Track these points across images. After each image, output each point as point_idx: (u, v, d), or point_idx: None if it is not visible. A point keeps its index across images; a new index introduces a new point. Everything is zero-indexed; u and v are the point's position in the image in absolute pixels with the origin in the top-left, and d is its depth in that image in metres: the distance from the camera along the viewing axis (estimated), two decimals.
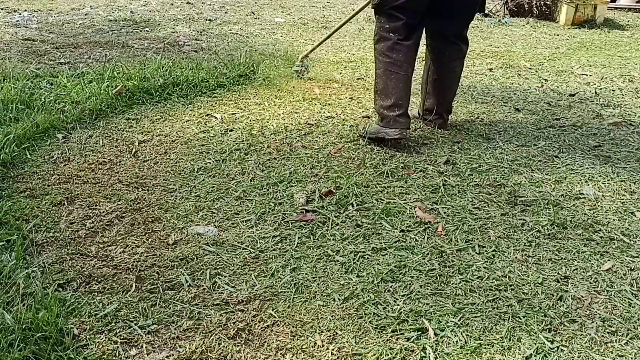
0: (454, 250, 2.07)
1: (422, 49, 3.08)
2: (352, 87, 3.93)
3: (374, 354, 1.59)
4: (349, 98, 3.69)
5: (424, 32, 3.02)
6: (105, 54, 4.52)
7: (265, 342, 1.63)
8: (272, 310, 1.75)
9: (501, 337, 1.67)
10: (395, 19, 2.85)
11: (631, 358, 1.61)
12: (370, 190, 2.48)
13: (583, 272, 1.97)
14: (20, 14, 6.05)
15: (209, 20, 6.21)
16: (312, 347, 1.62)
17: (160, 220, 2.22)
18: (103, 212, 2.25)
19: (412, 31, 2.88)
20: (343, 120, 3.29)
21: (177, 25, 5.84)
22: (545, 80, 4.27)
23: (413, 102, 3.28)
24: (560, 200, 2.44)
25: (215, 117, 3.28)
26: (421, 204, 2.38)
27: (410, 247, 2.09)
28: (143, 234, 2.13)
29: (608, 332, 1.70)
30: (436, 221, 2.25)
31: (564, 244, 2.13)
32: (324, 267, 1.97)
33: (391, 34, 2.87)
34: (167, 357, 1.57)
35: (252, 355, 1.58)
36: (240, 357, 1.58)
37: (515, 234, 2.19)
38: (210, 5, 7.16)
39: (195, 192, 2.44)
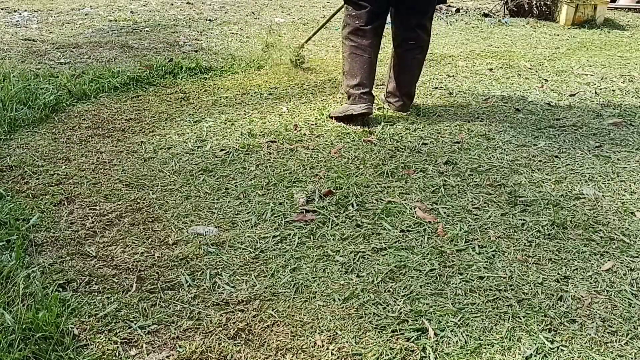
0: (454, 250, 2.07)
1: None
2: None
3: (374, 354, 1.59)
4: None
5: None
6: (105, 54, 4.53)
7: (265, 342, 1.63)
8: (272, 310, 1.75)
9: (501, 337, 1.67)
10: (360, 7, 3.18)
11: (631, 358, 1.61)
12: (370, 190, 2.48)
13: (583, 272, 1.97)
14: (20, 14, 6.06)
15: (209, 20, 6.22)
16: (312, 347, 1.62)
17: (160, 220, 2.22)
18: (103, 212, 2.25)
19: (374, 18, 3.19)
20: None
21: (177, 25, 5.84)
22: (545, 80, 4.27)
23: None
24: (560, 200, 2.44)
25: (216, 117, 3.28)
26: (421, 204, 2.38)
27: (410, 247, 2.08)
28: (143, 234, 2.13)
29: (608, 332, 1.70)
30: (436, 221, 2.25)
31: (564, 244, 2.13)
32: (324, 267, 1.97)
33: (355, 21, 3.19)
34: (167, 357, 1.57)
35: (252, 355, 1.58)
36: (240, 357, 1.58)
37: (515, 234, 2.19)
38: (210, 5, 7.16)
39: (195, 192, 2.44)
